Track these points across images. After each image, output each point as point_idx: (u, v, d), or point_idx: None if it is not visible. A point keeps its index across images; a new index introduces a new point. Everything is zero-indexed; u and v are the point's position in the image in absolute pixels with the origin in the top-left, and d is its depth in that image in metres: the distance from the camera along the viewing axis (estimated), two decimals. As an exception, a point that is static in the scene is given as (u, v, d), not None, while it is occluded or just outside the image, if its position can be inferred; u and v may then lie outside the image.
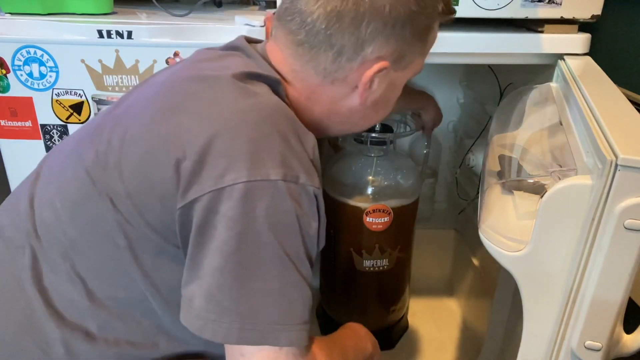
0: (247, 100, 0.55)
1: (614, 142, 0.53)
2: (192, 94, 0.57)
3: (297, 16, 0.59)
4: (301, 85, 0.62)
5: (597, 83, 0.72)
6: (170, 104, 0.57)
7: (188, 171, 0.51)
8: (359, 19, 0.57)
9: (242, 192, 0.50)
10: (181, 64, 0.66)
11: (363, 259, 1.09)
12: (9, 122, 0.87)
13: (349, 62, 0.59)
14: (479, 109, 1.19)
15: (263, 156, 0.51)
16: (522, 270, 0.62)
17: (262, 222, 0.51)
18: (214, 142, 0.51)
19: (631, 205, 0.53)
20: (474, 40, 0.81)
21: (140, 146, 0.55)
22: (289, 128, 0.55)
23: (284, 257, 0.52)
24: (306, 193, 0.53)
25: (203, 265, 0.51)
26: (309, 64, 0.61)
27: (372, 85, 0.62)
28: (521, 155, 0.74)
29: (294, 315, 0.52)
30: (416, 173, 1.11)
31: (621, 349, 0.63)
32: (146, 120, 0.57)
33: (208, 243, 0.51)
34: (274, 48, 0.64)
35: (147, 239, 0.56)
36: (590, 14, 0.80)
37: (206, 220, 0.51)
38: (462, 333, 1.27)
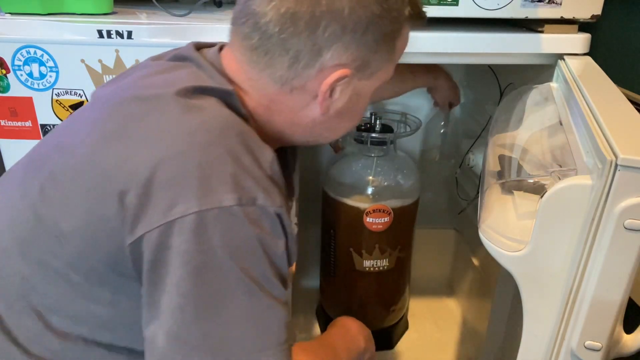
0: (192, 121, 0.51)
1: (614, 142, 0.53)
2: (133, 117, 0.53)
3: (250, 18, 0.55)
4: (259, 95, 0.58)
5: (597, 83, 0.72)
6: (110, 131, 0.53)
7: (133, 205, 0.48)
8: (315, 22, 0.52)
9: (194, 224, 0.46)
10: (127, 78, 0.61)
11: (363, 259, 1.09)
12: (9, 122, 0.87)
13: (306, 68, 0.55)
14: (479, 109, 1.19)
15: (213, 181, 0.47)
16: (522, 270, 0.62)
17: (221, 253, 0.47)
18: (159, 171, 0.48)
19: (631, 205, 0.53)
20: (474, 40, 0.81)
21: (81, 180, 0.51)
22: (241, 145, 0.51)
23: (250, 284, 0.49)
24: (266, 214, 0.50)
25: (161, 304, 0.48)
26: (265, 71, 0.57)
27: (334, 94, 0.58)
28: (521, 155, 0.74)
29: (270, 340, 0.50)
30: (417, 172, 1.11)
31: (621, 349, 0.63)
32: (87, 150, 0.53)
33: (163, 280, 0.48)
34: (229, 55, 0.60)
35: (101, 275, 0.52)
36: (590, 14, 0.80)
37: (158, 257, 0.47)
38: (462, 333, 1.27)
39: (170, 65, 0.61)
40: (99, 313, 0.54)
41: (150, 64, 0.62)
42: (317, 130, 0.62)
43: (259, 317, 0.50)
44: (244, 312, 0.49)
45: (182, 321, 0.48)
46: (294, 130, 0.62)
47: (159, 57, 0.65)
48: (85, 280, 0.53)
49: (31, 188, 0.55)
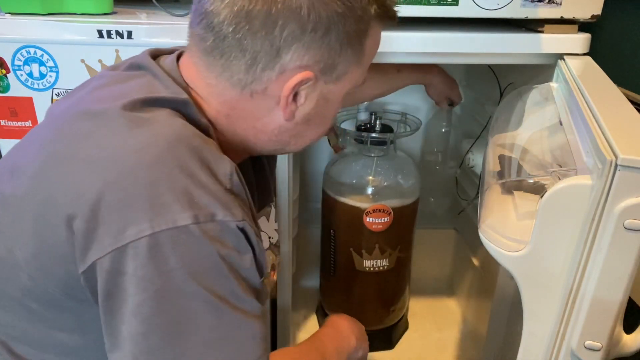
0: (140, 136, 0.48)
1: (614, 142, 0.53)
2: (80, 136, 0.50)
3: (204, 18, 0.51)
4: (218, 102, 0.55)
5: (597, 83, 0.72)
6: (57, 151, 0.50)
7: (82, 231, 0.45)
8: (271, 21, 0.49)
9: (148, 247, 0.43)
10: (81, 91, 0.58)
11: (363, 259, 1.09)
12: (9, 122, 0.87)
13: (265, 71, 0.52)
14: (479, 109, 1.19)
15: (165, 200, 0.44)
16: (522, 270, 0.62)
17: (180, 274, 0.45)
18: (107, 193, 0.45)
19: (631, 205, 0.53)
20: (474, 40, 0.81)
21: (29, 205, 0.49)
22: (194, 159, 0.47)
23: (216, 303, 0.46)
24: (228, 230, 0.47)
25: (121, 332, 0.46)
26: (223, 75, 0.53)
27: (298, 99, 0.54)
28: (521, 155, 0.74)
29: (245, 356, 0.48)
30: (417, 172, 1.11)
31: (621, 349, 0.63)
32: (34, 173, 0.50)
33: (121, 308, 0.45)
34: (187, 61, 0.57)
35: (61, 302, 0.50)
36: (590, 14, 0.80)
37: (114, 284, 0.45)
38: (462, 333, 1.27)
39: (124, 75, 0.57)
40: (63, 340, 0.52)
41: (106, 74, 0.59)
42: (284, 137, 0.59)
43: (231, 335, 0.48)
44: (214, 332, 0.47)
45: (148, 349, 0.45)
46: (258, 138, 0.58)
47: (115, 66, 0.61)
48: (45, 308, 0.51)
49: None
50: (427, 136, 1.31)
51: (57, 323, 0.52)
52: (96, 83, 0.57)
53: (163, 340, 0.45)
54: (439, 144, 1.22)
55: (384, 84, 0.96)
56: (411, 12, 0.79)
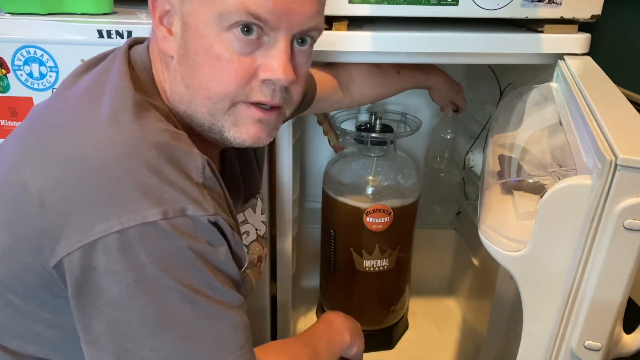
0: (107, 133, 0.48)
1: (614, 142, 0.53)
2: (50, 132, 0.50)
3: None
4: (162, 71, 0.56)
5: (597, 83, 0.72)
6: (30, 145, 0.50)
7: (51, 225, 0.45)
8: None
9: (118, 242, 0.44)
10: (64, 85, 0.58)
11: (363, 259, 1.09)
12: (9, 122, 0.87)
13: (153, 12, 0.54)
14: (479, 109, 1.19)
15: (133, 197, 0.45)
16: (522, 270, 0.62)
17: (152, 269, 0.45)
18: (74, 189, 0.45)
19: (631, 205, 0.53)
20: (474, 40, 0.81)
21: (4, 198, 0.49)
22: (161, 157, 0.47)
23: (192, 295, 0.47)
24: (199, 224, 0.47)
25: (95, 327, 0.46)
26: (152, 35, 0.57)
27: (170, 28, 0.53)
28: (521, 155, 0.74)
29: (225, 348, 0.48)
30: (417, 172, 1.11)
31: (621, 349, 0.63)
32: (7, 167, 0.50)
33: (94, 302, 0.45)
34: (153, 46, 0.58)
35: (38, 296, 0.50)
36: (590, 14, 0.80)
37: (84, 279, 0.45)
38: (462, 333, 1.27)
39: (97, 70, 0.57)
40: (43, 333, 0.53)
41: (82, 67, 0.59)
42: (188, 94, 0.54)
43: (210, 327, 0.48)
44: (192, 324, 0.47)
45: (124, 342, 0.46)
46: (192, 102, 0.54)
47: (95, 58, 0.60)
48: (24, 301, 0.51)
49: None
50: (431, 143, 1.30)
51: (36, 317, 0.52)
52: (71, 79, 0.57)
53: (142, 330, 0.46)
54: (443, 150, 1.21)
55: (383, 86, 0.95)
56: (411, 12, 0.79)
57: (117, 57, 0.56)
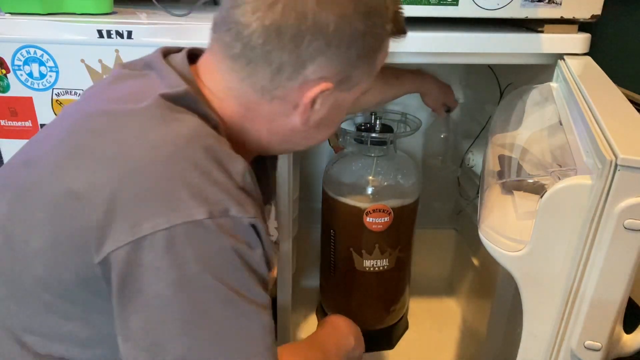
0: (158, 134, 0.50)
1: (614, 142, 0.53)
2: (97, 132, 0.52)
3: (233, 27, 0.54)
4: (236, 103, 0.58)
5: (597, 83, 0.72)
6: (75, 146, 0.52)
7: (99, 222, 0.46)
8: (300, 37, 0.52)
9: (166, 240, 0.45)
10: (96, 90, 0.61)
11: (363, 259, 1.09)
12: (9, 122, 0.87)
13: (289, 80, 0.55)
14: (479, 109, 1.19)
15: (181, 196, 0.46)
16: (522, 270, 0.62)
17: (196, 267, 0.46)
18: (124, 187, 0.47)
19: (631, 205, 0.53)
20: (474, 40, 0.81)
21: (47, 196, 0.50)
22: (208, 158, 0.50)
23: (230, 294, 0.48)
24: (240, 225, 0.49)
25: (134, 322, 0.47)
26: (246, 80, 0.56)
27: (314, 105, 0.58)
28: (521, 155, 0.74)
29: (254, 347, 0.49)
30: (417, 172, 1.11)
31: (621, 348, 0.63)
32: (51, 166, 0.51)
33: (136, 298, 0.47)
34: (208, 61, 0.59)
35: (73, 293, 0.51)
36: (590, 14, 0.80)
37: (128, 275, 0.46)
38: (462, 333, 1.27)
39: (137, 74, 0.59)
40: (74, 331, 0.53)
41: (120, 73, 0.61)
42: (295, 139, 0.62)
43: (243, 326, 0.49)
44: (229, 322, 0.48)
45: (166, 335, 0.47)
46: (271, 138, 0.61)
47: (130, 65, 0.63)
48: (58, 299, 0.52)
49: None
50: (427, 142, 1.32)
51: (69, 314, 0.52)
52: (108, 84, 0.59)
53: (178, 329, 0.47)
54: (439, 149, 1.22)
55: (383, 93, 0.98)
56: (411, 12, 0.79)
57: (158, 64, 0.58)
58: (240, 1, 0.53)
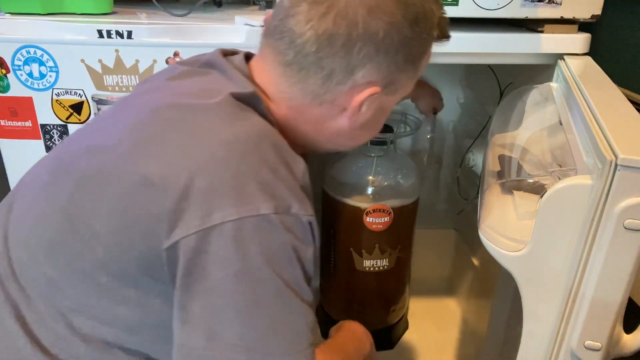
0: (232, 130, 0.52)
1: (614, 142, 0.53)
2: (172, 124, 0.54)
3: (287, 36, 0.56)
4: (287, 106, 0.60)
5: (597, 83, 0.72)
6: (149, 136, 0.54)
7: (171, 210, 0.49)
8: (351, 44, 0.55)
9: (233, 231, 0.48)
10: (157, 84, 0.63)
11: (363, 258, 1.09)
12: (9, 122, 0.87)
13: (338, 85, 0.57)
14: (479, 109, 1.19)
15: (251, 190, 0.49)
16: (522, 270, 0.62)
17: (259, 259, 0.49)
18: (197, 178, 0.49)
19: (631, 205, 0.53)
20: (474, 40, 0.81)
21: (118, 182, 0.52)
22: (277, 156, 0.53)
23: (285, 289, 0.50)
24: (300, 222, 0.51)
25: (193, 308, 0.49)
26: (297, 85, 0.58)
27: (362, 108, 0.60)
28: (521, 155, 0.74)
29: (300, 343, 0.51)
30: (416, 172, 1.11)
31: (621, 348, 0.63)
32: (123, 154, 0.53)
33: (199, 284, 0.49)
34: (259, 66, 0.61)
35: (132, 277, 0.53)
36: (590, 14, 0.80)
37: (195, 262, 0.49)
38: (462, 333, 1.27)
39: (200, 72, 0.62)
40: (124, 315, 0.55)
41: (180, 70, 0.63)
42: (341, 140, 0.65)
43: (292, 321, 0.51)
44: (280, 315, 0.50)
45: (223, 322, 0.49)
46: (317, 140, 0.64)
47: (187, 62, 0.66)
48: (114, 281, 0.53)
49: (60, 191, 0.55)
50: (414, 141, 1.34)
51: (123, 298, 0.54)
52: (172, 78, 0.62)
53: (235, 317, 0.49)
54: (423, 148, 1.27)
55: None
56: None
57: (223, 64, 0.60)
58: (294, 11, 0.56)
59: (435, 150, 1.31)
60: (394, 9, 0.55)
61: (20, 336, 0.55)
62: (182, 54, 0.83)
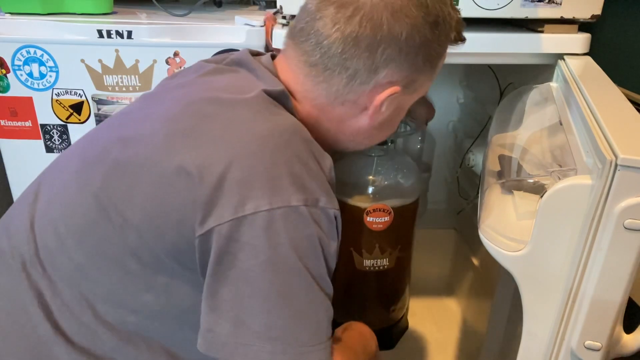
0: (266, 124, 0.54)
1: (614, 142, 0.53)
2: (208, 116, 0.55)
3: (313, 37, 0.59)
4: (311, 105, 0.62)
5: (597, 83, 0.72)
6: (185, 127, 0.55)
7: (206, 198, 0.50)
8: (375, 45, 0.57)
9: (265, 221, 0.49)
10: (188, 79, 0.64)
11: (363, 258, 1.09)
12: (9, 122, 0.87)
13: (361, 85, 0.59)
14: (479, 109, 1.19)
15: (283, 182, 0.51)
16: (522, 270, 0.62)
17: (287, 249, 0.50)
18: (232, 168, 0.50)
19: (631, 205, 0.53)
20: (474, 40, 0.81)
21: (153, 171, 0.53)
22: (307, 150, 0.55)
23: (310, 279, 0.52)
24: (327, 216, 0.53)
25: (222, 294, 0.51)
26: (321, 85, 0.60)
27: (382, 107, 0.61)
28: (521, 155, 0.74)
29: (320, 334, 0.53)
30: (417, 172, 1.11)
31: (621, 348, 0.63)
32: (159, 144, 0.55)
33: (230, 271, 0.50)
34: (284, 66, 0.63)
35: (161, 263, 0.54)
36: (590, 14, 0.80)
37: (227, 250, 0.50)
38: (462, 333, 1.27)
39: (228, 69, 0.64)
40: (149, 302, 0.56)
41: (209, 67, 0.65)
42: (359, 138, 0.67)
43: (315, 312, 0.53)
44: (305, 306, 0.52)
45: (249, 308, 0.50)
46: (338, 138, 0.66)
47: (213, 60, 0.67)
48: (143, 267, 0.55)
49: (92, 178, 0.57)
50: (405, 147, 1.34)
51: (149, 285, 0.56)
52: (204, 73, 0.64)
53: (261, 305, 0.50)
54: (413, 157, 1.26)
55: None
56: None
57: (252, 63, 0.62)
58: (320, 14, 0.58)
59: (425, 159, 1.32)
60: (416, 12, 0.57)
61: (43, 323, 0.56)
62: (182, 54, 0.83)
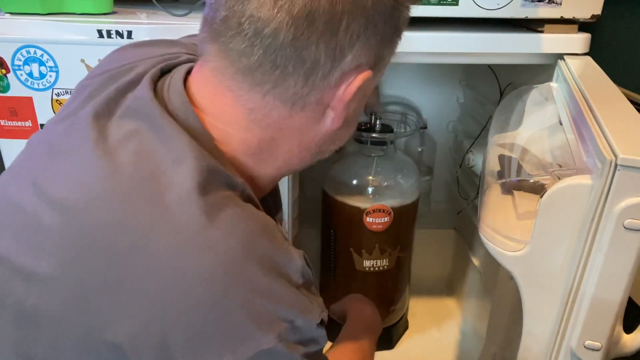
0: (203, 259, 0.39)
1: (614, 142, 0.53)
2: (119, 255, 0.39)
3: (247, 28, 0.42)
4: (261, 128, 0.46)
5: (597, 83, 0.72)
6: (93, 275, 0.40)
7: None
8: (336, 20, 0.42)
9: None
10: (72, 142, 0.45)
11: (363, 259, 1.09)
12: (9, 122, 0.87)
13: (324, 79, 0.44)
14: (479, 109, 1.19)
15: (246, 329, 0.39)
16: (522, 270, 0.62)
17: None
18: (174, 330, 0.38)
19: (631, 205, 0.53)
20: (474, 40, 0.81)
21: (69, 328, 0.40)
22: (266, 272, 0.41)
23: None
24: (308, 331, 0.43)
25: None
26: (272, 93, 0.44)
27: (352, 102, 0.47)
28: (521, 155, 0.74)
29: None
30: (416, 173, 1.11)
31: (621, 348, 0.63)
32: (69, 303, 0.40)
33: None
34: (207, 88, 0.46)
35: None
36: (590, 13, 0.80)
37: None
38: (462, 333, 1.27)
39: (121, 126, 0.44)
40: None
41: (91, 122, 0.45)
42: (325, 146, 0.52)
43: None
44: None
45: None
46: (302, 157, 0.51)
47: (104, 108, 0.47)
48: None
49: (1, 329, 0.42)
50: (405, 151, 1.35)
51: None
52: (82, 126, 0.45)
53: None
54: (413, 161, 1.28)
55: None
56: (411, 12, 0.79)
57: (157, 120, 0.44)
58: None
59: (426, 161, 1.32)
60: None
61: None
62: (182, 54, 0.83)
